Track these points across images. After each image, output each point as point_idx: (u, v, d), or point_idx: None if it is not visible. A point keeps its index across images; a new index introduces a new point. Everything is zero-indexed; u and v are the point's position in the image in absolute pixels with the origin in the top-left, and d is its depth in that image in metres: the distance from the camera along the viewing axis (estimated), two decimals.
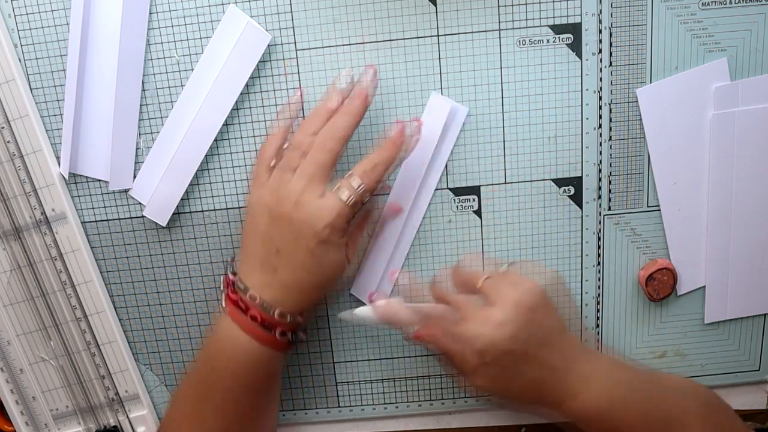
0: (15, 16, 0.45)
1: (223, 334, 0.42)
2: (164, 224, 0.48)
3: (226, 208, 0.48)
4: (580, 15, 0.45)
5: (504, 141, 0.47)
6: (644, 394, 0.42)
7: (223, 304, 0.43)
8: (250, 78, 0.45)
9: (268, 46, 0.45)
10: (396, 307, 0.43)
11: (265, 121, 0.47)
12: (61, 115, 0.46)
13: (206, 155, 0.46)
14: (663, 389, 0.43)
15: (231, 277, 0.43)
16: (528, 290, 0.41)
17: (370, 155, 0.42)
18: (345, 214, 0.41)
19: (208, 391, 0.43)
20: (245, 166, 0.47)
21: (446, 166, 0.47)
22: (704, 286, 0.50)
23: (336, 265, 0.43)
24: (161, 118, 0.46)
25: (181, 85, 0.46)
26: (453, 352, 0.41)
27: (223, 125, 0.46)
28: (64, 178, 0.47)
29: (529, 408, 0.44)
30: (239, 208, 0.48)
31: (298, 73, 0.46)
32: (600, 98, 0.46)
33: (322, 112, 0.43)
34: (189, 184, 0.47)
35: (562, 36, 0.45)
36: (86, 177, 0.48)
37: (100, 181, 0.48)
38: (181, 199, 0.48)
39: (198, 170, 0.47)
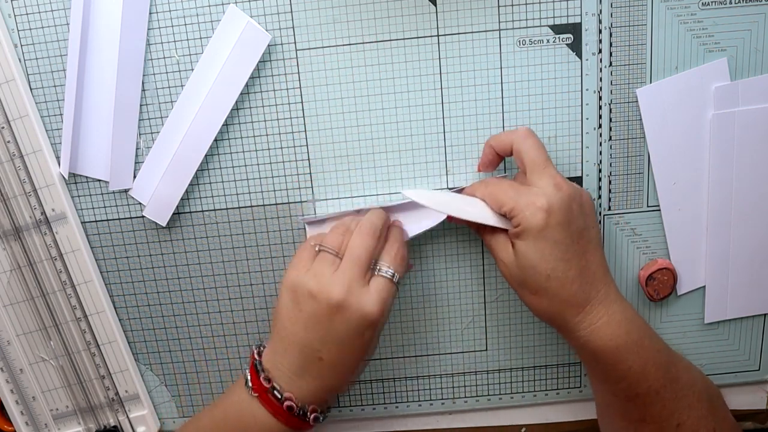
0: (15, 16, 0.45)
1: (246, 412, 0.42)
2: (164, 224, 0.48)
3: (226, 208, 0.48)
4: (580, 15, 0.45)
5: None
6: (659, 345, 0.42)
7: (250, 385, 0.42)
8: (250, 78, 0.45)
9: (268, 46, 0.45)
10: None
11: (265, 121, 0.47)
12: (61, 115, 0.46)
13: (206, 155, 0.47)
14: (675, 355, 0.44)
15: (265, 384, 0.41)
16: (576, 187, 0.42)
17: (391, 243, 0.43)
18: (393, 292, 0.41)
19: None
20: (245, 166, 0.47)
21: (446, 165, 0.47)
22: (704, 286, 0.50)
23: (373, 348, 0.43)
24: (161, 118, 0.46)
25: (181, 85, 0.46)
26: (516, 210, 0.39)
27: (223, 125, 0.46)
28: (64, 178, 0.47)
29: (551, 314, 0.41)
30: (239, 208, 0.48)
31: (298, 73, 0.46)
32: (600, 98, 0.46)
33: (347, 221, 0.44)
34: (189, 184, 0.47)
35: (562, 36, 0.45)
36: (86, 177, 0.48)
37: (100, 181, 0.48)
38: (181, 199, 0.48)
39: (198, 170, 0.47)
